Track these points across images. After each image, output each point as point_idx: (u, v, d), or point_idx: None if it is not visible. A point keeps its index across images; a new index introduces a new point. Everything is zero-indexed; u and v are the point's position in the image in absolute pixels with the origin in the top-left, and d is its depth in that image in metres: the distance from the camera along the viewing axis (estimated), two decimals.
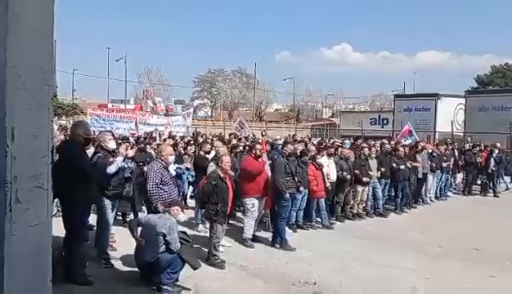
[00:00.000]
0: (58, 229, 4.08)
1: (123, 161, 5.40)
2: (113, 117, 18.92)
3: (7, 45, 1.91)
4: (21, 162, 2.04)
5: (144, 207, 6.50)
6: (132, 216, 6.94)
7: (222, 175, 5.66)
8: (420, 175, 10.64)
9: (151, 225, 4.09)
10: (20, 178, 2.05)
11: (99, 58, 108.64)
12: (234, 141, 11.42)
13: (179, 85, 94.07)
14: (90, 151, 5.30)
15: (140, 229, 4.41)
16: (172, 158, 5.32)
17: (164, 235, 4.03)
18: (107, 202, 5.38)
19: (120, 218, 7.13)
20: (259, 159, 7.05)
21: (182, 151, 9.59)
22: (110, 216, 5.49)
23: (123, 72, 52.06)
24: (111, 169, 5.26)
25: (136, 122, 18.33)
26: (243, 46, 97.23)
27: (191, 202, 8.86)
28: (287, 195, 6.98)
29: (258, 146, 7.18)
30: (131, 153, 5.61)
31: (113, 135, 6.05)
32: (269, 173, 7.20)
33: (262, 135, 18.73)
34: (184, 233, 4.85)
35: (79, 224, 4.53)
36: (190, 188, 9.17)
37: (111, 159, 5.26)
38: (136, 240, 4.33)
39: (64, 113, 31.37)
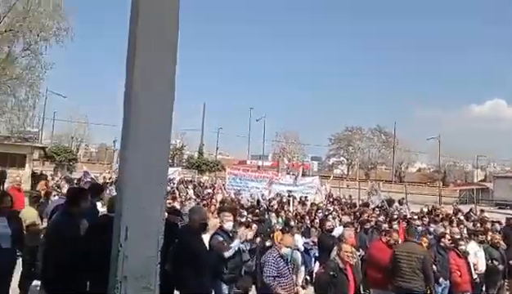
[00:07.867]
0: None
1: (242, 243, 5.32)
2: (248, 176, 20.09)
3: (128, 146, 2.02)
4: (132, 262, 2.06)
5: None
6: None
7: (341, 265, 4.92)
8: None
9: None
10: (130, 278, 2.07)
11: (242, 117, 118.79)
12: (366, 214, 10.63)
13: (315, 142, 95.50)
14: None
15: None
16: (287, 251, 4.95)
17: None
18: (224, 287, 5.26)
19: None
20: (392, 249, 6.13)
21: (309, 224, 9.27)
22: None
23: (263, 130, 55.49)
24: (228, 254, 5.19)
25: (270, 183, 19.04)
26: (382, 102, 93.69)
27: None
28: None
29: (394, 235, 6.34)
30: (250, 234, 5.54)
31: (234, 211, 6.04)
32: None
33: (400, 204, 17.37)
34: None
35: None
36: (317, 264, 8.67)
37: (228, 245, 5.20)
38: None
39: (208, 169, 34.67)
